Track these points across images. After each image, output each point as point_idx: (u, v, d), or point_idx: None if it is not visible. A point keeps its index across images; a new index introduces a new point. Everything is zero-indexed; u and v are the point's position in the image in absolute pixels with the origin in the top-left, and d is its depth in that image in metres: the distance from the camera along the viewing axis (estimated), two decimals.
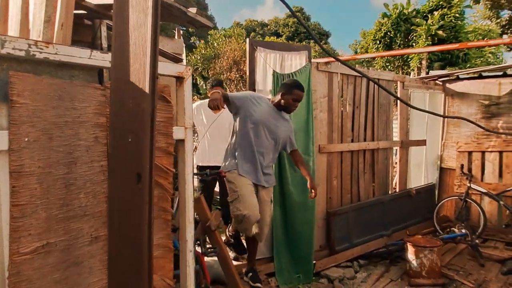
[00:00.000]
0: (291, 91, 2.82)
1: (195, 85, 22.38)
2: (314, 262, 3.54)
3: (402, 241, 3.84)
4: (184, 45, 2.84)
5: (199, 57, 21.72)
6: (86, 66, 1.18)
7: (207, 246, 2.47)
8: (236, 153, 2.84)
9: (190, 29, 32.90)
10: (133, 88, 0.68)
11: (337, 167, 3.99)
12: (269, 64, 3.26)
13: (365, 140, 4.30)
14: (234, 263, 3.51)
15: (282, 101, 2.85)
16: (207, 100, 3.34)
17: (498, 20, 17.65)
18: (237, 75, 16.50)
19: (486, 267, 3.66)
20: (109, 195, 0.72)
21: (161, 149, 1.24)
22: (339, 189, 4.01)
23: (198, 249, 2.44)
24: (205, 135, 3.74)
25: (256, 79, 3.23)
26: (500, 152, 4.72)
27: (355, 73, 4.05)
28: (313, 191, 2.99)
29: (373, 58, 10.92)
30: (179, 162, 1.31)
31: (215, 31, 24.17)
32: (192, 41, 29.30)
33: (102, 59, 1.16)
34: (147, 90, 0.67)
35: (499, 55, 10.96)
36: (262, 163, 2.89)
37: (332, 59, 3.65)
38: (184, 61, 2.92)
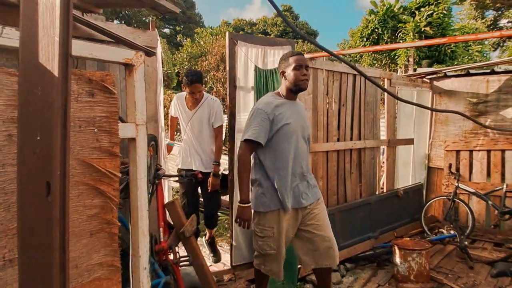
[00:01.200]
0: (287, 62, 2.33)
1: (180, 84, 22.10)
2: (299, 266, 3.40)
3: (389, 243, 3.73)
4: (158, 38, 2.65)
5: (185, 56, 21.49)
6: None
7: (181, 255, 2.30)
8: (265, 186, 2.32)
9: (176, 28, 32.60)
10: (42, 71, 0.53)
11: (323, 168, 3.87)
12: (251, 59, 3.11)
13: (351, 139, 4.19)
14: (214, 269, 3.36)
15: (287, 81, 2.33)
16: (183, 93, 3.17)
17: (484, 20, 17.90)
18: (224, 73, 16.32)
19: (475, 269, 3.59)
20: (18, 209, 0.56)
21: (103, 150, 1.05)
22: (325, 190, 3.89)
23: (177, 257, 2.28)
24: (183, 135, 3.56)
25: (237, 75, 3.07)
26: (488, 151, 4.68)
27: (341, 70, 3.94)
28: None
29: (360, 56, 10.88)
30: (130, 165, 1.14)
31: (202, 29, 23.93)
32: (178, 39, 28.98)
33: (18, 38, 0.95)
34: (56, 73, 0.51)
35: (486, 54, 11.05)
36: (305, 174, 2.44)
37: (317, 54, 3.52)
38: (159, 56, 2.74)
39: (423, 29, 8.81)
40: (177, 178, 2.43)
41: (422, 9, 9.09)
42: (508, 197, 4.19)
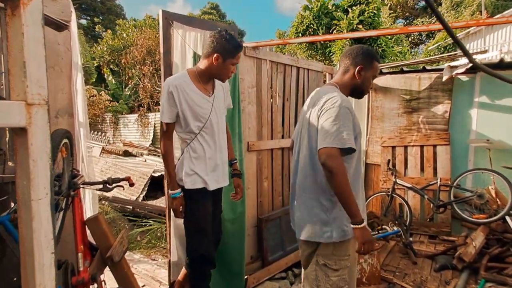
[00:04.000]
0: (372, 64, 1.89)
1: (103, 79, 20.43)
2: (246, 277, 3.11)
3: None
4: (73, 10, 2.14)
5: (105, 48, 19.92)
6: None
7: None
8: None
9: (95, 19, 30.11)
10: None
11: (268, 167, 3.62)
12: (189, 44, 2.72)
13: None
14: None
15: (358, 83, 1.89)
16: (181, 76, 2.24)
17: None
18: (151, 68, 15.38)
19: (418, 264, 3.65)
20: None
21: None
22: (270, 191, 3.65)
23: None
24: None
25: (173, 61, 2.66)
26: (421, 146, 4.87)
27: (285, 62, 3.73)
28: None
29: (295, 53, 11.02)
30: (17, 175, 0.71)
31: (125, 21, 22.40)
32: (97, 30, 26.82)
33: None
34: None
35: (405, 55, 11.95)
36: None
37: (262, 43, 3.24)
38: (74, 32, 2.22)
39: (356, 26, 9.14)
40: (100, 186, 1.95)
41: (354, 7, 9.43)
42: (442, 190, 4.38)
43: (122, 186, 2.05)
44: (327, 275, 1.76)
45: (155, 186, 6.97)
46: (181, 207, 2.22)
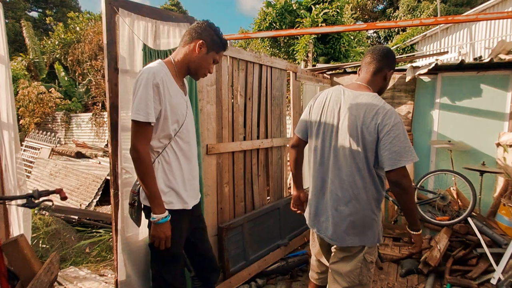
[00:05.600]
0: (394, 67, 2.00)
1: (53, 75, 19.14)
2: None
3: (303, 251, 3.46)
4: None
5: (57, 42, 18.73)
6: None
7: None
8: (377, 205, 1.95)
9: (47, 11, 28.28)
10: None
11: (229, 171, 3.38)
12: (138, 35, 2.41)
13: (258, 137, 3.81)
14: None
15: (387, 83, 2.01)
16: (159, 65, 1.84)
17: None
18: (104, 64, 14.52)
19: (384, 269, 3.57)
20: None
21: None
22: (231, 197, 3.41)
23: None
24: None
25: (119, 54, 2.34)
26: None
27: (247, 58, 3.50)
28: None
29: (259, 51, 10.85)
30: None
31: (78, 14, 21.18)
32: (48, 23, 25.21)
33: None
34: None
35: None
36: None
37: (227, 37, 2.98)
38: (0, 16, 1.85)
39: (320, 25, 9.11)
40: (23, 201, 1.60)
41: (317, 6, 9.40)
42: None
43: (51, 200, 1.72)
44: (368, 269, 1.94)
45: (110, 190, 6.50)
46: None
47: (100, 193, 7.49)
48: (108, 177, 6.92)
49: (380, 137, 1.76)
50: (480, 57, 5.24)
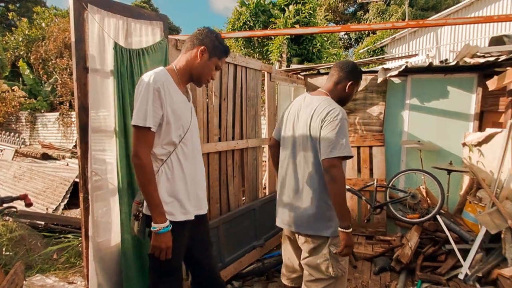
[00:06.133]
0: (359, 81, 2.21)
1: (17, 73, 18.26)
2: None
3: (279, 252, 3.45)
4: None
5: (21, 39, 17.89)
6: None
7: None
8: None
9: (10, 6, 26.95)
10: None
11: (204, 173, 3.31)
12: (108, 33, 2.32)
13: (233, 138, 3.78)
14: None
15: (343, 95, 2.16)
16: (162, 71, 1.82)
17: None
18: (70, 62, 14.02)
19: (358, 268, 3.63)
20: None
21: None
22: (207, 199, 3.34)
23: None
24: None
25: (88, 53, 2.25)
26: (358, 148, 4.93)
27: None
28: None
29: (233, 51, 10.79)
30: None
31: (43, 9, 20.33)
32: (11, 18, 24.03)
33: None
34: None
35: (340, 56, 12.42)
36: None
37: None
38: None
39: (293, 26, 9.17)
40: None
41: (290, 6, 9.46)
42: (378, 191, 4.45)
43: (15, 207, 1.62)
44: (337, 261, 2.03)
45: (78, 193, 6.25)
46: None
47: (68, 196, 7.19)
48: (77, 179, 6.67)
49: (322, 129, 1.95)
50: (446, 60, 5.44)
